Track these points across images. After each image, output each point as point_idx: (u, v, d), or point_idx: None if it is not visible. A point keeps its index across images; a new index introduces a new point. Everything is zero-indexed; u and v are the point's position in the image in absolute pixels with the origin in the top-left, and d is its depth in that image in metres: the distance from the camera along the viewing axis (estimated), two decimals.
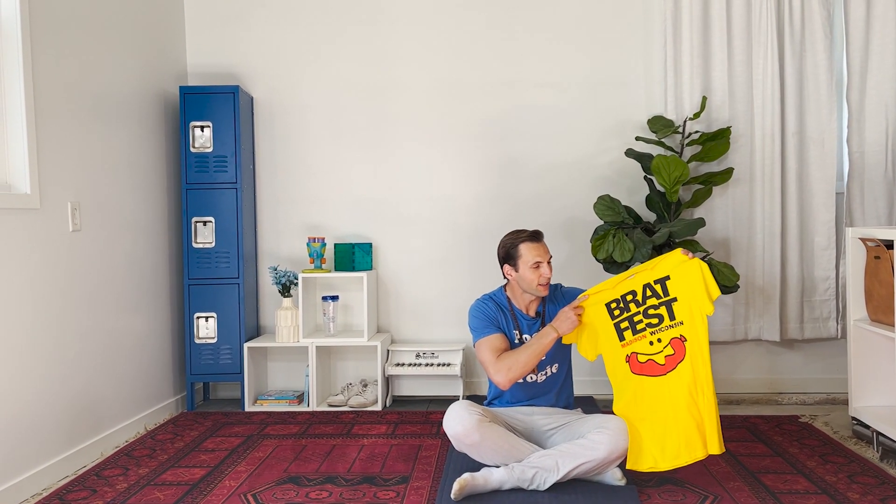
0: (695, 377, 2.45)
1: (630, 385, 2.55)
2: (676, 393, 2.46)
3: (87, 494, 2.60)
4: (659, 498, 2.46)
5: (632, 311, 2.56)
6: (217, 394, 4.09)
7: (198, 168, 3.75)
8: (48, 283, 2.81)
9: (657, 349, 2.52)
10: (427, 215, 3.99)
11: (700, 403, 2.43)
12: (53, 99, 2.87)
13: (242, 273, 3.77)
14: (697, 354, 2.47)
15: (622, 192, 3.86)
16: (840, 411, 3.53)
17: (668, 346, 2.50)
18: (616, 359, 2.59)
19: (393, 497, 2.51)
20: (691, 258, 2.53)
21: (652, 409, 2.49)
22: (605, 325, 2.60)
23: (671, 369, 2.49)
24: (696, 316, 2.49)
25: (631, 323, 2.56)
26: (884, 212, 3.70)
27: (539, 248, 2.70)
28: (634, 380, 2.54)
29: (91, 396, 3.06)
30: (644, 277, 2.57)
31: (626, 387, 2.56)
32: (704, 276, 2.50)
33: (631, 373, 2.55)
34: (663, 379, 2.50)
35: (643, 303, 2.55)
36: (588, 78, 3.91)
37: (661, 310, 2.52)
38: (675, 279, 2.52)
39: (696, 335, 2.48)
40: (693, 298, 2.50)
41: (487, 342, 2.66)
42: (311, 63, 4.00)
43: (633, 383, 2.54)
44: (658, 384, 2.50)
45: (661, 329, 2.52)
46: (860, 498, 2.44)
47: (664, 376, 2.50)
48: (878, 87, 3.67)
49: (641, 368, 2.54)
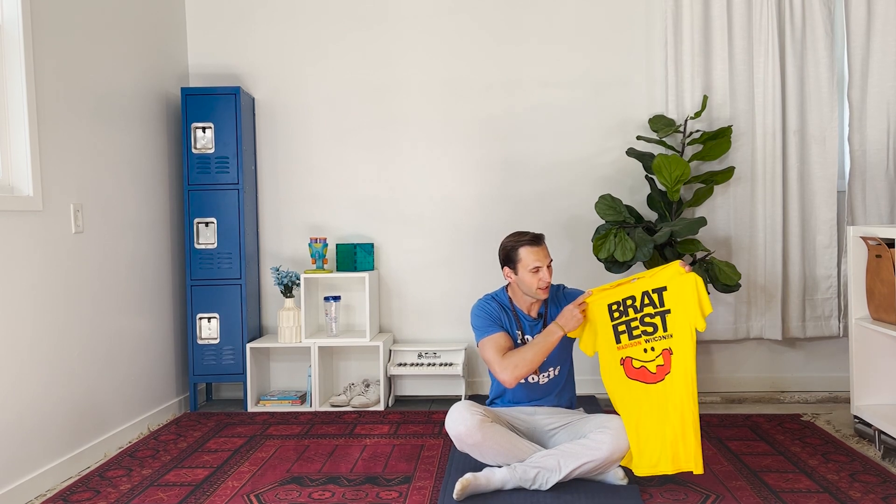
0: (677, 393, 2.46)
1: (622, 388, 2.56)
2: (665, 403, 2.47)
3: (90, 495, 2.61)
4: (661, 497, 2.46)
5: (630, 315, 2.57)
6: (220, 394, 4.10)
7: (200, 169, 3.76)
8: (51, 284, 2.82)
9: (650, 357, 2.52)
10: (429, 215, 4.00)
11: (682, 418, 2.44)
12: (55, 101, 2.88)
13: (244, 274, 3.78)
14: (681, 371, 2.46)
15: (623, 191, 3.86)
16: (842, 410, 3.53)
17: (660, 357, 2.51)
18: (611, 360, 2.59)
19: (395, 497, 2.51)
20: (688, 272, 2.50)
21: (640, 413, 2.50)
22: (605, 325, 2.61)
23: (660, 379, 2.50)
24: (686, 330, 2.49)
25: (628, 328, 2.57)
26: (885, 210, 3.70)
27: (539, 252, 2.69)
28: (627, 384, 2.55)
29: (94, 397, 3.07)
30: (644, 285, 2.56)
31: (619, 389, 2.57)
32: (699, 291, 2.49)
33: (626, 376, 2.56)
34: (653, 387, 2.51)
35: (640, 310, 2.55)
36: (589, 77, 3.91)
37: (657, 319, 2.53)
38: (671, 291, 2.51)
39: (682, 350, 2.48)
40: (685, 313, 2.49)
41: (492, 340, 2.66)
42: (312, 64, 4.00)
43: (626, 387, 2.55)
44: (648, 391, 2.51)
45: (655, 339, 2.53)
46: (862, 496, 2.45)
47: (655, 385, 2.50)
48: (880, 85, 3.67)
49: (636, 374, 2.54)
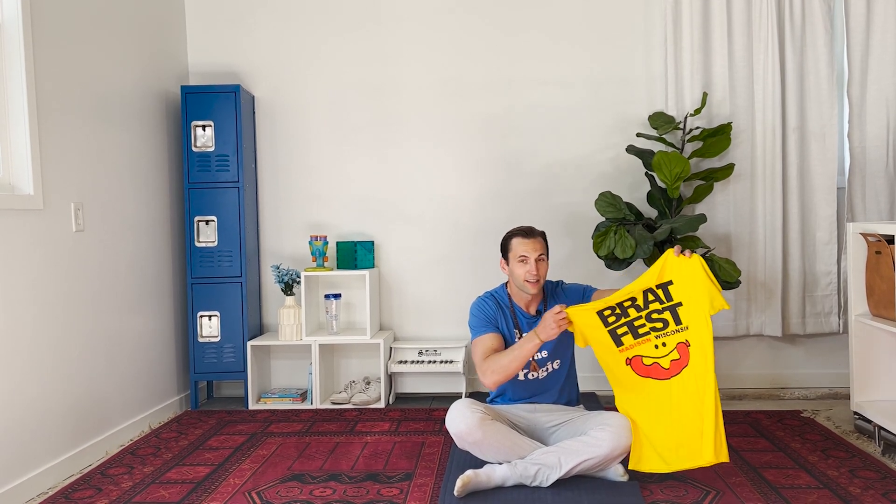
0: (697, 384, 2.42)
1: (635, 387, 2.52)
2: (681, 398, 2.43)
3: (92, 493, 2.61)
4: (661, 493, 2.47)
5: (631, 316, 2.50)
6: (221, 392, 4.10)
7: (200, 167, 3.76)
8: (52, 283, 2.82)
9: (662, 353, 2.48)
10: (429, 213, 4.00)
11: (703, 410, 2.40)
12: (55, 100, 2.88)
13: (245, 272, 3.78)
14: (700, 361, 2.43)
15: (623, 188, 3.86)
16: (842, 406, 3.54)
17: (675, 351, 2.46)
18: (615, 363, 2.54)
19: (396, 494, 2.52)
20: (689, 255, 2.44)
21: (657, 412, 2.47)
22: (598, 332, 2.53)
23: (675, 374, 2.45)
24: (702, 320, 2.43)
25: (631, 328, 2.51)
26: (885, 206, 3.70)
27: (529, 243, 2.69)
28: (640, 382, 2.51)
29: (95, 395, 3.08)
30: (644, 283, 2.49)
31: (630, 388, 2.53)
32: (707, 272, 2.44)
33: (636, 375, 2.51)
34: (667, 383, 2.46)
35: (645, 307, 2.49)
36: (589, 75, 3.91)
37: (666, 314, 2.48)
38: (679, 283, 2.45)
39: (700, 341, 2.43)
40: (700, 300, 2.42)
41: (480, 342, 2.67)
42: (312, 62, 4.00)
43: (639, 385, 2.51)
44: (662, 388, 2.47)
45: (667, 333, 2.48)
46: (862, 492, 2.45)
47: (668, 380, 2.46)
48: (879, 82, 3.67)
49: (647, 371, 2.50)
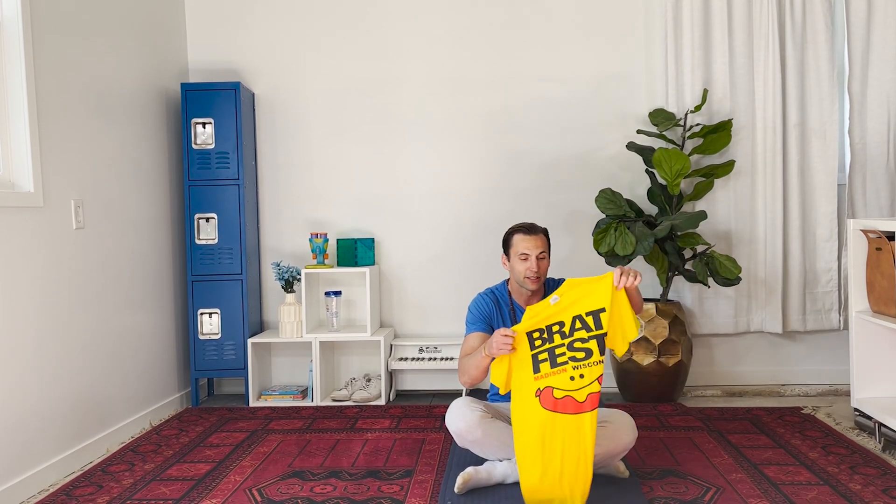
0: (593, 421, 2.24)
1: (538, 422, 2.27)
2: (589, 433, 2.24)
3: (93, 490, 2.62)
4: (661, 490, 2.47)
5: (555, 342, 2.29)
6: (221, 389, 4.11)
7: (200, 165, 3.76)
8: (52, 280, 2.82)
9: (578, 385, 2.25)
10: (429, 210, 4.00)
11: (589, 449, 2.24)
12: (55, 97, 2.88)
13: (245, 269, 3.78)
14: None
15: (624, 185, 3.86)
16: (842, 402, 3.54)
17: (595, 383, 2.25)
18: (524, 391, 2.31)
19: (397, 491, 2.52)
20: (619, 289, 2.29)
21: (562, 448, 2.25)
22: (524, 354, 2.33)
23: (591, 409, 2.24)
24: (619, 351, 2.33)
25: (551, 355, 2.29)
26: (885, 203, 3.70)
27: (531, 240, 2.68)
28: (544, 416, 2.27)
29: (96, 393, 3.08)
30: (577, 309, 2.30)
31: (532, 423, 2.28)
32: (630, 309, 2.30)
33: (541, 408, 2.27)
34: (578, 417, 2.24)
35: (569, 335, 2.29)
36: (589, 71, 3.91)
37: (591, 343, 2.26)
38: (610, 311, 2.27)
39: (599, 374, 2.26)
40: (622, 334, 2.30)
41: (466, 340, 2.68)
42: (312, 59, 4.00)
43: (542, 419, 2.27)
44: (572, 422, 2.25)
45: (588, 364, 2.26)
46: (862, 489, 2.45)
47: (580, 415, 2.24)
48: (880, 78, 3.67)
49: (555, 405, 2.26)
